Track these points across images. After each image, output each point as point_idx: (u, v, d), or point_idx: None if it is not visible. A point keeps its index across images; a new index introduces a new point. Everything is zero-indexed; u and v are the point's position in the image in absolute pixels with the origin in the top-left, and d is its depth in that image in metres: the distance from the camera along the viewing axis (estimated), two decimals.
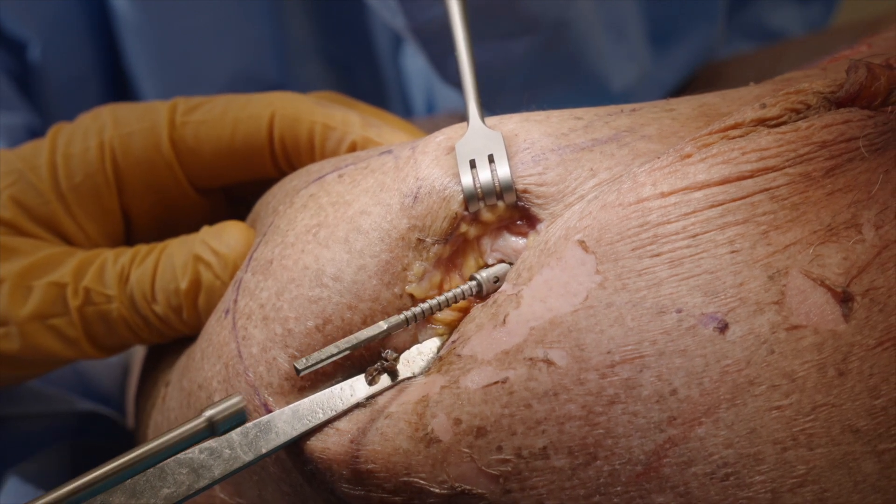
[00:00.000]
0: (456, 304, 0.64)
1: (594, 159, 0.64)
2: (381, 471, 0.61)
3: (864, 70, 0.63)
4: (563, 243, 0.62)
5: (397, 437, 0.61)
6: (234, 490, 0.70)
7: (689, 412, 0.58)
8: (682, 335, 0.58)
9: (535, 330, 0.60)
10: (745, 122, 0.62)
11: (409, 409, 0.62)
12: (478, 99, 0.68)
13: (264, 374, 0.65)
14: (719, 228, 0.59)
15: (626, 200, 0.61)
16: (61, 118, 1.20)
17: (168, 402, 0.74)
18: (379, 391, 0.64)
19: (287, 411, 0.63)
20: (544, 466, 0.59)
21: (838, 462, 0.58)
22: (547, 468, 0.59)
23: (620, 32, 1.09)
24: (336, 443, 0.62)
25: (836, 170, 0.61)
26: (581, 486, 0.59)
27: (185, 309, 0.72)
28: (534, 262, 0.63)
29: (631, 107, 0.69)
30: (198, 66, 1.24)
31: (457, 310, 0.65)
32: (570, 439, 0.59)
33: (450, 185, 0.65)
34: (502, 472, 0.59)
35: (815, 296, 0.59)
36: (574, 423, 0.58)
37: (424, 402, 0.61)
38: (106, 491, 0.59)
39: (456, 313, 0.65)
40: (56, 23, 1.20)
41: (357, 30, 1.31)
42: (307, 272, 0.65)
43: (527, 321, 0.60)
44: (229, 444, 0.62)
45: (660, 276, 0.59)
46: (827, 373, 0.58)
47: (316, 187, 0.69)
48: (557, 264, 0.61)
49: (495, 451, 0.59)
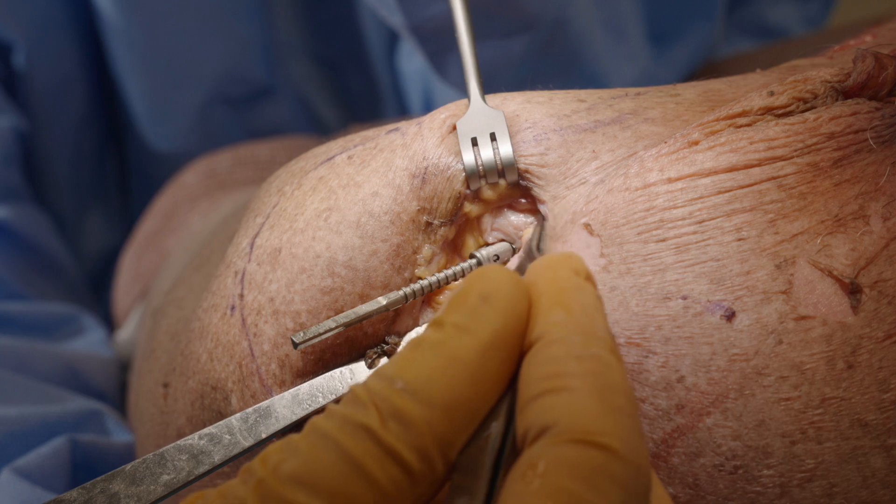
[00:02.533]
0: (456, 284, 0.64)
1: (596, 141, 0.64)
2: None
3: (872, 59, 0.63)
4: (570, 227, 0.61)
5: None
6: None
7: (697, 401, 0.57)
8: (688, 322, 0.58)
9: None
10: (752, 109, 0.62)
11: None
12: (479, 77, 0.68)
13: (277, 372, 0.64)
14: (726, 215, 0.59)
15: (632, 185, 0.61)
16: (48, 121, 1.21)
17: (172, 402, 0.73)
18: None
19: (287, 396, 0.63)
20: None
21: (847, 456, 0.57)
22: None
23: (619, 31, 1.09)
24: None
25: (843, 161, 0.61)
26: None
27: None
28: (544, 248, 0.61)
29: (636, 90, 0.69)
30: (183, 67, 1.23)
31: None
32: None
33: (452, 163, 0.65)
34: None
35: (823, 286, 0.58)
36: None
37: None
38: (105, 477, 0.58)
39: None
40: (41, 26, 1.19)
41: (347, 29, 1.31)
42: (319, 261, 0.64)
43: None
44: (229, 429, 0.61)
45: (665, 261, 0.59)
46: (836, 365, 0.58)
47: (325, 169, 0.68)
48: (563, 248, 0.61)
49: None
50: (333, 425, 0.49)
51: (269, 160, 1.18)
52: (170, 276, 0.94)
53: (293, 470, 0.48)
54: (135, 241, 1.16)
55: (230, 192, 1.14)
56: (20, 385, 0.89)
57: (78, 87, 1.24)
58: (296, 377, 0.64)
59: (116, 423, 0.91)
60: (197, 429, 0.69)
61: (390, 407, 0.49)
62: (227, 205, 1.07)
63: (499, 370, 0.51)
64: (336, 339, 0.64)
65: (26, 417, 0.85)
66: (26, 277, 1.08)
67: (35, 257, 1.11)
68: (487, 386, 0.51)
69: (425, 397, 0.49)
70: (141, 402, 0.81)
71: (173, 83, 1.23)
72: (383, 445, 0.49)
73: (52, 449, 0.82)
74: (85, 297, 1.20)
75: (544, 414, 0.48)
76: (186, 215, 1.12)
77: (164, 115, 1.23)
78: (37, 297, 1.08)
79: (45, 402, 0.88)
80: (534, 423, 0.49)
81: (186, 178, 1.17)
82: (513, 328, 0.52)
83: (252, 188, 1.11)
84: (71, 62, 1.23)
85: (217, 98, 1.24)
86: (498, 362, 0.51)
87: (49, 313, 1.04)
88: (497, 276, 0.53)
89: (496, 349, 0.51)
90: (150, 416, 0.78)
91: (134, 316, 1.08)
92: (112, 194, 1.31)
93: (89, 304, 1.20)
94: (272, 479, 0.48)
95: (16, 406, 0.86)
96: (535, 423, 0.49)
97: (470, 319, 0.51)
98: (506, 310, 0.52)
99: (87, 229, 1.28)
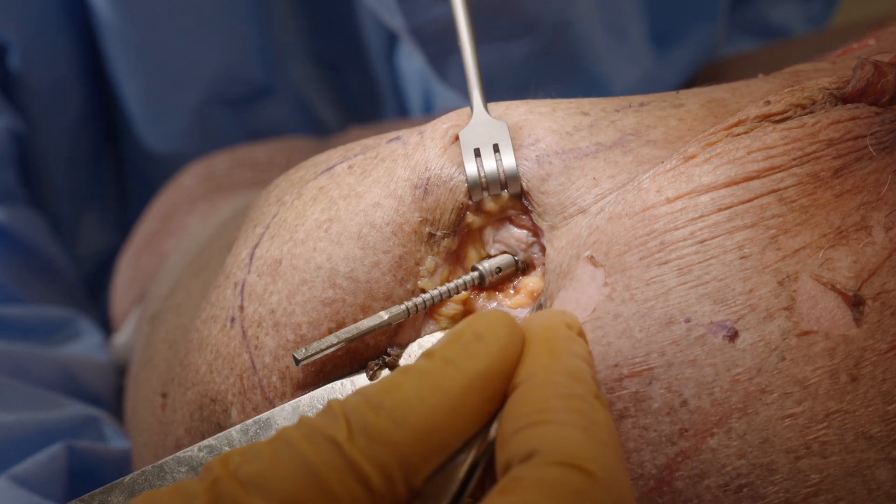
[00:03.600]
0: (458, 297, 0.64)
1: (597, 168, 0.64)
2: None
3: (871, 67, 0.62)
4: (575, 262, 0.61)
5: None
6: None
7: (701, 423, 0.57)
8: (691, 345, 0.57)
9: None
10: (748, 119, 0.61)
11: None
12: (481, 87, 0.67)
13: (278, 385, 0.64)
14: (728, 233, 0.59)
15: (632, 210, 0.60)
16: (44, 122, 1.21)
17: (171, 413, 0.72)
18: None
19: (287, 407, 0.62)
20: None
21: (852, 470, 0.57)
22: None
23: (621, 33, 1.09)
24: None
25: (843, 170, 0.60)
26: None
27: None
28: (553, 288, 0.62)
29: (639, 100, 0.68)
30: (181, 67, 1.22)
31: (459, 302, 0.64)
32: None
33: (455, 174, 0.64)
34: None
35: (826, 300, 0.58)
36: None
37: None
38: (104, 489, 0.58)
39: (459, 306, 0.64)
40: (36, 26, 1.19)
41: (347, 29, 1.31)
42: (320, 272, 0.64)
43: None
44: (229, 441, 0.61)
45: (668, 284, 0.58)
46: (839, 379, 0.57)
47: (326, 179, 0.68)
48: (571, 284, 0.61)
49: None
50: (300, 434, 0.49)
51: (268, 162, 1.18)
52: (168, 280, 0.93)
53: (251, 473, 0.48)
54: (132, 243, 1.16)
55: (228, 194, 1.13)
56: (16, 390, 0.88)
57: (74, 87, 1.24)
58: (297, 389, 0.64)
59: (113, 429, 0.91)
60: (195, 440, 0.69)
61: (361, 422, 0.49)
62: (226, 208, 1.07)
63: (479, 407, 0.52)
64: (337, 352, 0.63)
65: (23, 423, 0.84)
66: (22, 280, 1.08)
67: (31, 260, 1.11)
68: (465, 420, 0.51)
69: (399, 418, 0.50)
70: (138, 411, 0.81)
71: (171, 83, 1.22)
72: (346, 458, 0.49)
73: (49, 456, 0.82)
74: (81, 300, 1.20)
75: (529, 442, 0.49)
76: (184, 218, 1.11)
77: (161, 115, 1.23)
78: (33, 300, 1.07)
79: (41, 407, 0.88)
80: (517, 451, 0.49)
81: (184, 179, 1.16)
82: (500, 369, 0.52)
83: (251, 190, 1.11)
84: (67, 62, 1.22)
85: (215, 98, 1.23)
86: (480, 399, 0.52)
87: (45, 317, 1.03)
88: (494, 318, 0.54)
89: (480, 386, 0.52)
90: (147, 426, 0.78)
91: (131, 319, 1.08)
92: (109, 196, 1.31)
93: (86, 307, 1.20)
94: (229, 480, 0.48)
95: (12, 412, 0.85)
96: (518, 451, 0.49)
97: (460, 354, 0.52)
98: (496, 351, 0.52)
99: (84, 231, 1.28)
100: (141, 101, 1.22)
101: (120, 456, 0.87)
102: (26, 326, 1.01)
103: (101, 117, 1.27)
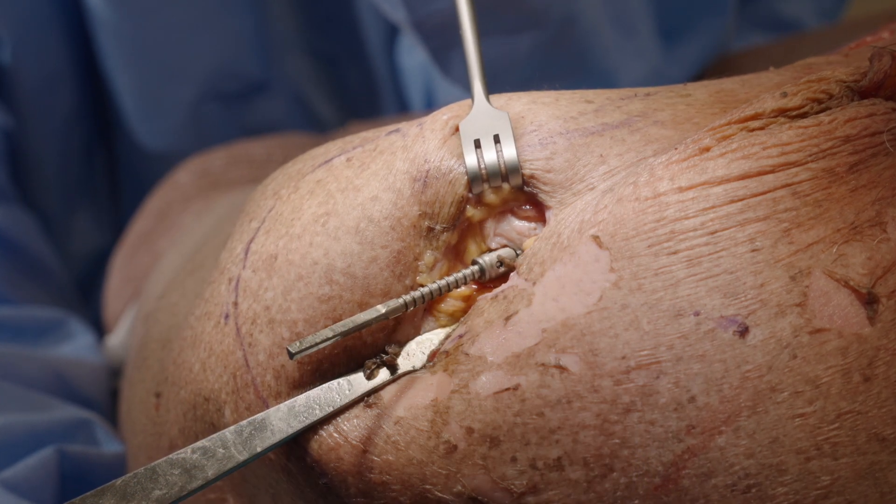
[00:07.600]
0: (458, 291, 0.63)
1: (604, 145, 0.63)
2: (395, 483, 0.60)
3: (889, 58, 0.61)
4: (577, 238, 0.60)
5: (410, 446, 0.60)
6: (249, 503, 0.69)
7: (709, 420, 0.56)
8: (700, 339, 0.56)
9: (548, 332, 0.58)
10: (765, 112, 0.60)
11: (418, 413, 0.60)
12: (483, 77, 0.67)
13: (273, 384, 0.63)
14: (739, 225, 0.58)
15: (642, 194, 0.59)
16: (34, 119, 1.21)
17: (164, 413, 0.72)
18: (378, 386, 0.62)
19: (283, 408, 0.61)
20: (559, 479, 0.57)
21: (864, 472, 0.56)
22: (562, 480, 0.57)
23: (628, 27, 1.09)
24: (349, 453, 0.61)
25: (859, 165, 0.60)
26: (597, 499, 0.57)
27: None
28: (546, 255, 0.61)
29: (645, 90, 0.67)
30: (175, 62, 1.22)
31: (459, 298, 0.64)
32: (585, 449, 0.57)
33: (455, 166, 0.64)
34: (517, 484, 0.58)
35: (839, 297, 0.57)
36: (588, 433, 0.57)
37: (435, 407, 0.60)
38: (95, 493, 0.57)
39: (459, 303, 0.64)
40: (27, 20, 1.19)
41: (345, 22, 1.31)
42: (316, 268, 0.63)
43: (538, 322, 0.58)
44: (223, 442, 0.60)
45: (677, 275, 0.57)
46: (852, 378, 0.56)
47: (323, 172, 0.67)
48: (571, 260, 0.59)
49: (510, 462, 0.58)
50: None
51: (265, 158, 1.17)
52: (162, 279, 0.93)
53: None
54: (126, 241, 1.15)
55: (224, 191, 1.13)
56: (6, 392, 0.87)
57: (66, 83, 1.23)
58: (292, 388, 0.63)
59: (106, 432, 0.90)
60: (189, 440, 0.68)
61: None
62: (222, 205, 1.07)
63: None
64: (334, 349, 0.63)
65: (12, 426, 0.83)
66: (12, 280, 1.07)
67: (21, 260, 1.10)
68: None
69: None
70: (133, 413, 0.80)
71: (164, 79, 1.22)
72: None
73: (40, 460, 0.81)
74: (73, 300, 1.20)
75: None
76: (179, 215, 1.11)
77: (155, 111, 1.23)
78: (23, 300, 1.07)
79: (32, 410, 0.87)
80: None
81: (179, 176, 1.16)
82: None
83: (247, 188, 1.11)
84: (58, 57, 1.22)
85: (210, 94, 1.23)
86: None
87: (36, 318, 1.03)
88: None
89: None
90: (142, 427, 0.77)
91: (125, 319, 1.07)
92: (101, 194, 1.31)
93: (77, 307, 1.19)
94: None
95: (1, 414, 0.84)
96: None
97: None
98: None
99: (76, 230, 1.28)
100: (134, 97, 1.23)
101: (113, 460, 0.86)
102: (16, 327, 1.00)
103: (93, 113, 1.27)
